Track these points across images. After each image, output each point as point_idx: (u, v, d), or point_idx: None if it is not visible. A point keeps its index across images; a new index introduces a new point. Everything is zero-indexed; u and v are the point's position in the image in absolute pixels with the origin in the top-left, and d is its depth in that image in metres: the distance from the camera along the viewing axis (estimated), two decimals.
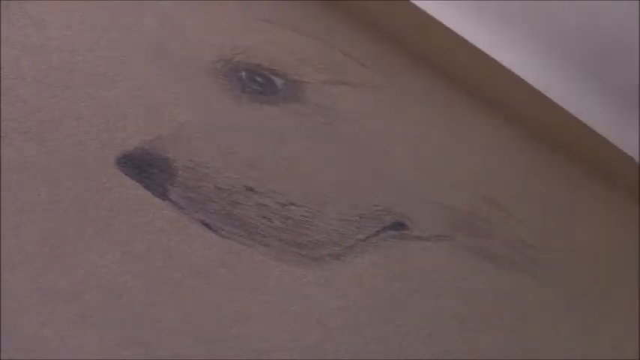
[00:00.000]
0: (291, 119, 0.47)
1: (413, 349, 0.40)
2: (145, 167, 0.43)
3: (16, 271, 0.38)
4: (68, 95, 0.45)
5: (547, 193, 0.48)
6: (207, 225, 0.42)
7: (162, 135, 0.45)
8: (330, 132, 0.48)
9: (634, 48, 0.50)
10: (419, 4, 0.55)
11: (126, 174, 0.43)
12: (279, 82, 0.49)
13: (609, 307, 0.44)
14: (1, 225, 0.40)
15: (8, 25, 0.47)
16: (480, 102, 0.52)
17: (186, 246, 0.41)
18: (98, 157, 0.43)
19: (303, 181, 0.45)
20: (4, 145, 0.42)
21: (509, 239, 0.45)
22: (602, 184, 0.49)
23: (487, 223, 0.46)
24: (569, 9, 0.54)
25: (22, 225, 0.40)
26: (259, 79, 0.48)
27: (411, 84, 0.51)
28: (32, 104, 0.44)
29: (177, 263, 0.40)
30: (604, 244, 0.46)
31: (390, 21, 0.53)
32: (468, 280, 0.44)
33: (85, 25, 0.48)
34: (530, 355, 0.41)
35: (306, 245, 0.43)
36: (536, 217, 0.47)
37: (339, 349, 0.40)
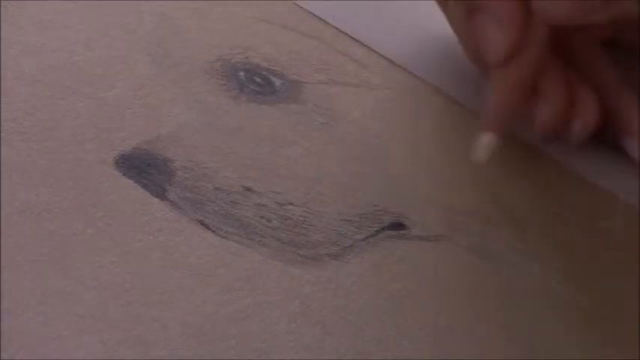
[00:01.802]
0: (290, 119, 0.47)
1: (413, 349, 0.40)
2: (144, 167, 0.43)
3: (16, 271, 0.38)
4: (67, 95, 0.45)
5: (547, 192, 0.48)
6: (205, 225, 0.42)
7: (161, 135, 0.45)
8: (329, 132, 0.48)
9: None
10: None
11: (124, 174, 0.43)
12: (277, 82, 0.49)
13: (609, 307, 0.44)
14: (1, 225, 0.40)
15: (8, 25, 0.47)
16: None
17: (185, 246, 0.41)
18: (97, 157, 0.43)
19: (302, 181, 0.45)
20: (4, 145, 0.42)
21: (509, 239, 0.45)
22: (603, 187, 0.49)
23: (487, 223, 0.46)
24: None
25: (22, 225, 0.40)
26: (258, 80, 0.48)
27: (411, 84, 0.51)
28: (32, 104, 0.44)
29: (176, 263, 0.40)
30: (605, 245, 0.47)
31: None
32: (467, 280, 0.44)
33: (85, 25, 0.48)
34: (530, 355, 0.41)
35: (305, 245, 0.43)
36: (536, 217, 0.47)
37: (339, 349, 0.40)
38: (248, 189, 0.44)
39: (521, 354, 0.42)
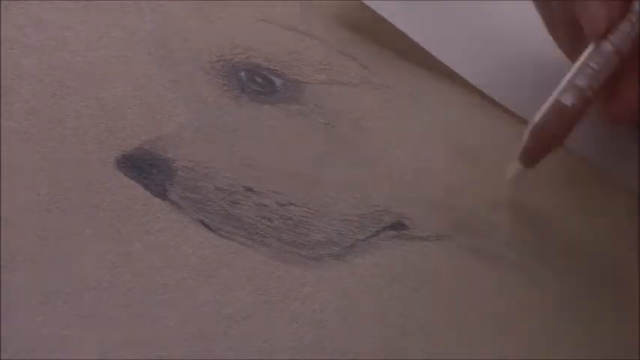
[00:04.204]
0: (291, 119, 0.47)
1: (413, 349, 0.40)
2: (145, 167, 0.43)
3: (16, 271, 0.38)
4: (68, 95, 0.45)
5: (547, 193, 0.48)
6: (206, 225, 0.42)
7: (162, 135, 0.45)
8: (330, 132, 0.48)
9: None
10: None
11: (125, 174, 0.43)
12: (278, 82, 0.49)
13: (609, 307, 0.44)
14: (1, 225, 0.40)
15: (8, 25, 0.47)
16: (481, 103, 0.52)
17: (185, 246, 0.41)
18: (98, 157, 0.43)
19: (303, 181, 0.45)
20: (4, 145, 0.42)
21: (509, 239, 0.46)
22: (603, 183, 0.49)
23: (487, 223, 0.46)
24: None
25: (22, 225, 0.40)
26: (259, 80, 0.48)
27: (411, 84, 0.51)
28: (32, 104, 0.44)
29: (176, 263, 0.40)
30: (604, 244, 0.47)
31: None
32: (468, 280, 0.43)
33: (85, 25, 0.48)
34: (530, 355, 0.42)
35: (306, 245, 0.43)
36: (536, 217, 0.47)
37: (339, 349, 0.40)
38: (249, 189, 0.44)
39: (522, 353, 0.42)
